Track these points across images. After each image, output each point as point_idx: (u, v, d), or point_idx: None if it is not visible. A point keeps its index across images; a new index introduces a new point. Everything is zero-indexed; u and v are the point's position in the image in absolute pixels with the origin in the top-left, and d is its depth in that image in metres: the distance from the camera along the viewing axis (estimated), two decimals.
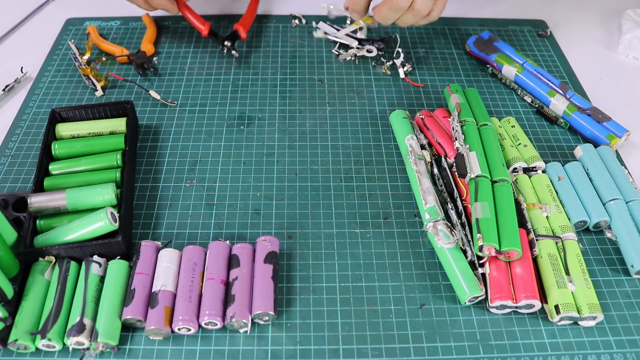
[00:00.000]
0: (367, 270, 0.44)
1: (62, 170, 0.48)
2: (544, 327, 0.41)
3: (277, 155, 0.53)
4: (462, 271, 0.42)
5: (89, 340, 0.38)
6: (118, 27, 0.67)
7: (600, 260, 0.45)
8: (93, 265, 0.42)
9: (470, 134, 0.49)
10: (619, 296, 0.43)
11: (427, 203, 0.46)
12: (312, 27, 0.67)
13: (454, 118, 0.51)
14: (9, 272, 0.41)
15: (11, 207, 0.46)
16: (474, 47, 0.62)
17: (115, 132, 0.51)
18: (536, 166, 0.50)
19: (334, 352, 0.40)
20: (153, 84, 0.59)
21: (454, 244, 0.43)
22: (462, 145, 0.48)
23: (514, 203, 0.45)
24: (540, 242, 0.44)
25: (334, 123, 0.56)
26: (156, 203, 0.48)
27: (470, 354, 0.40)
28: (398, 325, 0.41)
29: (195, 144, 0.53)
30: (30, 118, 0.56)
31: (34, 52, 0.64)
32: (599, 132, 0.53)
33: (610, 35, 0.68)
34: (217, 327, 0.40)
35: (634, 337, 0.41)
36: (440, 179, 0.49)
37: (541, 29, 0.68)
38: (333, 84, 0.60)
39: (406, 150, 0.50)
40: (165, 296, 0.40)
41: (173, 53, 0.63)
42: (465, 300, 0.41)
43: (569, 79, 0.62)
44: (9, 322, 0.39)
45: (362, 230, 0.47)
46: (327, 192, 0.50)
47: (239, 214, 0.48)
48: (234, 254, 0.43)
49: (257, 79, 0.60)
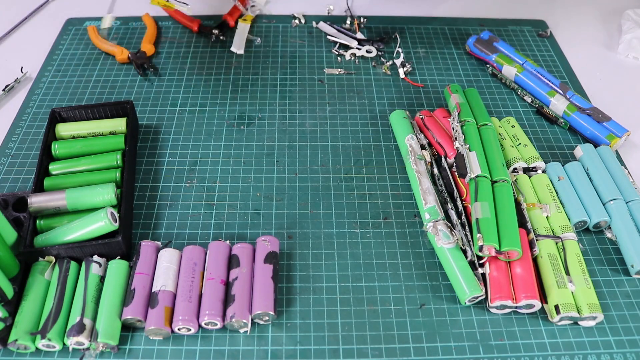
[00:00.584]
0: (367, 270, 0.44)
1: (62, 170, 0.48)
2: (544, 327, 0.41)
3: (277, 155, 0.53)
4: (462, 271, 0.42)
5: (89, 340, 0.38)
6: (118, 27, 0.67)
7: (600, 260, 0.45)
8: (93, 265, 0.42)
9: (470, 133, 0.49)
10: (619, 296, 0.43)
11: (427, 203, 0.46)
12: (312, 27, 0.67)
13: (454, 118, 0.51)
14: (9, 272, 0.41)
15: (11, 207, 0.46)
16: (474, 47, 0.62)
17: (115, 132, 0.51)
18: (536, 166, 0.50)
19: (334, 352, 0.40)
20: (153, 84, 0.59)
21: (454, 244, 0.43)
22: (462, 145, 0.48)
23: (514, 203, 0.45)
24: (540, 242, 0.44)
25: (334, 123, 0.56)
26: (156, 203, 0.48)
27: (470, 354, 0.40)
28: (398, 325, 0.41)
29: (195, 144, 0.53)
30: (30, 118, 0.56)
31: (34, 52, 0.64)
32: (599, 132, 0.53)
33: (610, 35, 0.68)
34: (217, 327, 0.40)
35: (634, 337, 0.41)
36: (440, 179, 0.49)
37: (541, 29, 0.68)
38: (333, 84, 0.60)
39: (406, 150, 0.50)
40: (165, 296, 0.40)
41: (173, 53, 0.63)
42: (465, 300, 0.41)
43: (569, 79, 0.62)
44: (9, 322, 0.39)
45: (362, 230, 0.47)
46: (327, 192, 0.50)
47: (239, 214, 0.48)
48: (234, 254, 0.43)
49: (257, 79, 0.60)
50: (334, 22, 0.67)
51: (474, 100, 0.54)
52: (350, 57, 0.63)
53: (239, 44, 0.64)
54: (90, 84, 0.59)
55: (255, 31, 0.67)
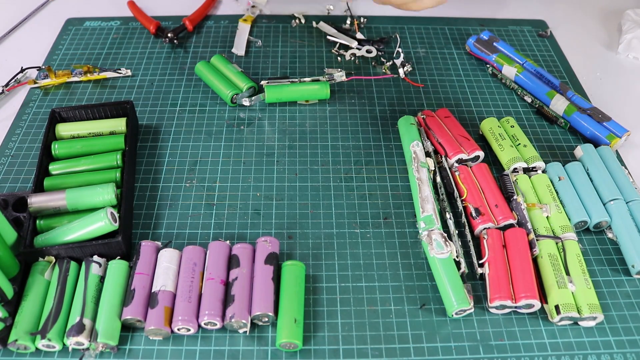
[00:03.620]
0: (367, 270, 0.44)
1: (62, 170, 0.48)
2: (544, 327, 0.41)
3: (277, 155, 0.53)
4: (452, 283, 0.41)
5: (89, 341, 0.38)
6: (118, 27, 0.67)
7: (601, 260, 0.45)
8: (93, 265, 0.42)
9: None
10: (619, 296, 0.43)
11: (424, 211, 0.45)
12: (312, 27, 0.67)
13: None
14: (9, 272, 0.41)
15: (11, 207, 0.46)
16: (474, 47, 0.62)
17: (115, 132, 0.51)
18: (536, 166, 0.50)
19: (334, 352, 0.40)
20: (153, 84, 0.59)
21: (447, 255, 0.43)
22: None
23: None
24: (541, 242, 0.44)
25: (334, 123, 0.56)
26: (156, 203, 0.48)
27: (470, 354, 0.40)
28: (398, 325, 0.41)
29: (195, 144, 0.53)
30: (30, 118, 0.56)
31: (34, 52, 0.64)
32: (599, 132, 0.53)
33: (610, 35, 0.68)
34: (217, 327, 0.40)
35: (634, 337, 0.41)
36: (442, 187, 0.48)
37: (541, 29, 0.68)
38: (333, 84, 0.60)
39: (410, 157, 0.50)
40: (165, 296, 0.40)
41: (173, 53, 0.63)
42: (452, 313, 0.41)
43: (569, 79, 0.62)
44: (9, 322, 0.39)
45: (362, 230, 0.47)
46: (327, 192, 0.50)
47: (239, 214, 0.48)
48: (234, 254, 0.43)
49: (257, 79, 0.60)
50: (334, 22, 0.67)
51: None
52: (350, 57, 0.63)
53: (240, 45, 0.64)
54: (91, 84, 0.59)
55: (256, 31, 0.66)
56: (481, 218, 0.45)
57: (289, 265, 0.42)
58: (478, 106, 0.58)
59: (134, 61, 0.62)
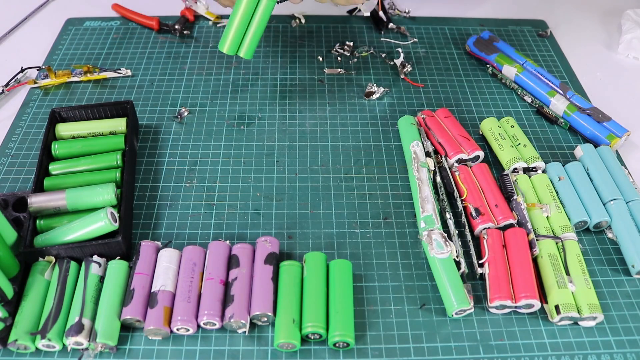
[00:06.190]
0: (367, 270, 0.44)
1: (62, 170, 0.48)
2: (544, 327, 0.41)
3: (277, 155, 0.53)
4: (452, 283, 0.41)
5: (88, 341, 0.38)
6: (118, 27, 0.67)
7: (601, 260, 0.45)
8: (93, 265, 0.42)
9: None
10: (619, 296, 0.43)
11: (424, 211, 0.45)
12: (312, 27, 0.67)
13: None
14: (9, 272, 0.41)
15: (11, 207, 0.46)
16: (474, 47, 0.62)
17: (115, 132, 0.51)
18: (536, 166, 0.50)
19: (334, 352, 0.40)
20: (153, 84, 0.59)
21: (447, 255, 0.43)
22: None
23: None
24: (541, 242, 0.44)
25: (334, 123, 0.56)
26: (156, 203, 0.48)
27: (470, 354, 0.40)
28: (398, 325, 0.41)
29: (195, 144, 0.53)
30: (30, 118, 0.56)
31: (34, 52, 0.64)
32: (599, 132, 0.53)
33: (610, 35, 0.68)
34: (216, 327, 0.40)
35: (634, 337, 0.41)
36: (442, 187, 0.48)
37: (541, 29, 0.68)
38: (333, 84, 0.60)
39: (410, 157, 0.50)
40: (165, 296, 0.40)
41: (173, 53, 0.63)
42: (452, 313, 0.41)
43: (569, 79, 0.62)
44: (9, 322, 0.39)
45: (362, 230, 0.47)
46: (327, 192, 0.50)
47: (239, 214, 0.48)
48: (234, 254, 0.43)
49: (257, 79, 0.60)
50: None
51: None
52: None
53: None
54: (91, 84, 0.59)
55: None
56: (481, 218, 0.45)
57: (286, 265, 0.42)
58: (478, 106, 0.58)
59: (134, 61, 0.62)
